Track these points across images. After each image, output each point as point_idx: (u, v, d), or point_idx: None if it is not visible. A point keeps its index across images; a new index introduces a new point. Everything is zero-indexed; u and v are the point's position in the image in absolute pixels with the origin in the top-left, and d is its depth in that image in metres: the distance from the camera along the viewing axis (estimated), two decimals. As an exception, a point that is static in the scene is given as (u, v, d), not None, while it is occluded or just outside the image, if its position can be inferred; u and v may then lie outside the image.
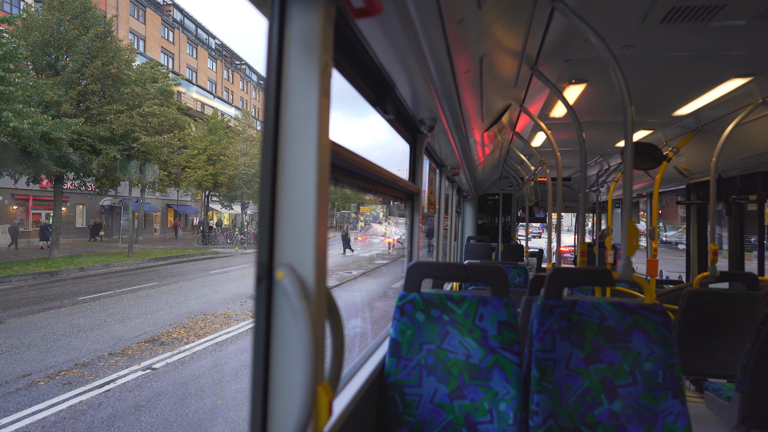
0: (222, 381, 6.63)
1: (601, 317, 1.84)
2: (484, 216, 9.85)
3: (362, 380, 1.73)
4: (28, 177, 17.52)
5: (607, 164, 6.87)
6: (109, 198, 29.25)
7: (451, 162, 4.11)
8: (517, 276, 5.44)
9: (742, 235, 5.04)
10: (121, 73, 19.06)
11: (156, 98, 20.45)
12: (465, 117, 2.64)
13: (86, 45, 18.06)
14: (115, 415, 5.46)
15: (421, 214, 2.71)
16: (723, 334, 3.17)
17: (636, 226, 1.91)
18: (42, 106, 16.93)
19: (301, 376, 0.82)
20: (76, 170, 18.73)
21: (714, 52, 2.55)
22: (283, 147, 0.88)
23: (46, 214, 25.04)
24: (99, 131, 18.27)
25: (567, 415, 1.79)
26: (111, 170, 19.48)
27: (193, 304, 11.49)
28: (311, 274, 0.87)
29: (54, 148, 16.12)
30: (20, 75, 14.43)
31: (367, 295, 13.76)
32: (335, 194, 47.80)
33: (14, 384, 6.27)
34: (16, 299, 11.58)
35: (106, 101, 19.03)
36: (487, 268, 1.99)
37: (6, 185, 22.17)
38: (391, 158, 26.24)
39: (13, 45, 14.26)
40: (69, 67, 18.18)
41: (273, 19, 0.87)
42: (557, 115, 4.10)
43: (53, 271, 15.46)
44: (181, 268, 18.64)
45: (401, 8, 1.18)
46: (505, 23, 1.73)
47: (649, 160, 3.86)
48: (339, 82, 1.23)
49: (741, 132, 3.65)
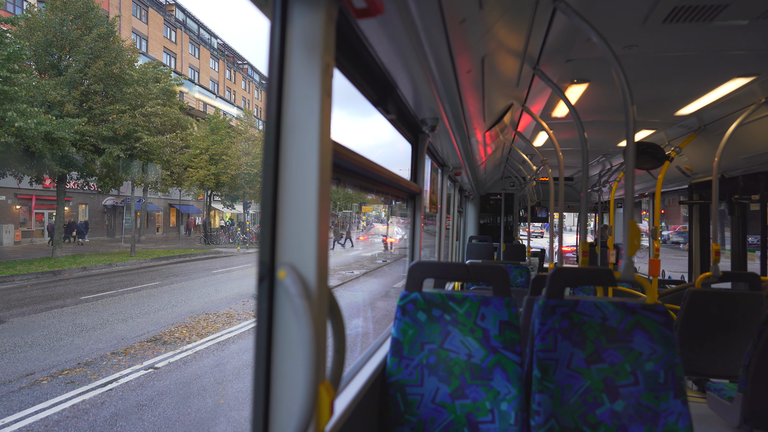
0: (224, 380, 6.64)
1: (602, 317, 1.84)
2: (486, 216, 9.85)
3: (364, 380, 1.73)
4: (31, 177, 17.58)
5: (609, 164, 6.86)
6: (112, 197, 29.31)
7: (453, 162, 4.11)
8: (518, 276, 5.43)
9: (744, 235, 5.03)
10: (124, 73, 19.11)
11: (158, 98, 20.50)
12: (467, 117, 2.64)
13: (89, 45, 18.11)
14: (117, 414, 5.48)
15: (423, 213, 2.71)
16: (725, 334, 3.16)
17: (638, 225, 1.91)
18: (45, 106, 16.98)
19: (302, 376, 0.82)
20: (79, 170, 18.79)
21: (716, 51, 2.55)
22: (284, 147, 0.88)
23: (49, 214, 25.11)
24: (102, 131, 18.32)
25: (568, 414, 1.79)
26: (113, 170, 19.54)
27: (195, 304, 11.51)
28: (313, 274, 0.87)
29: (57, 147, 16.17)
30: (24, 75, 14.47)
31: (368, 294, 13.76)
32: (337, 194, 47.81)
33: (18, 383, 6.29)
34: (19, 298, 11.62)
35: (109, 101, 19.09)
36: (488, 267, 1.99)
37: (9, 185, 22.25)
38: (392, 158, 26.23)
39: (17, 46, 14.30)
40: (72, 67, 18.23)
41: (275, 19, 0.87)
42: (559, 115, 4.10)
43: (56, 270, 15.51)
44: (183, 267, 18.68)
45: (403, 8, 1.18)
46: (506, 23, 1.73)
47: (652, 160, 3.84)
48: (341, 82, 1.23)
49: (743, 132, 3.64)
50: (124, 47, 19.65)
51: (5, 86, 13.68)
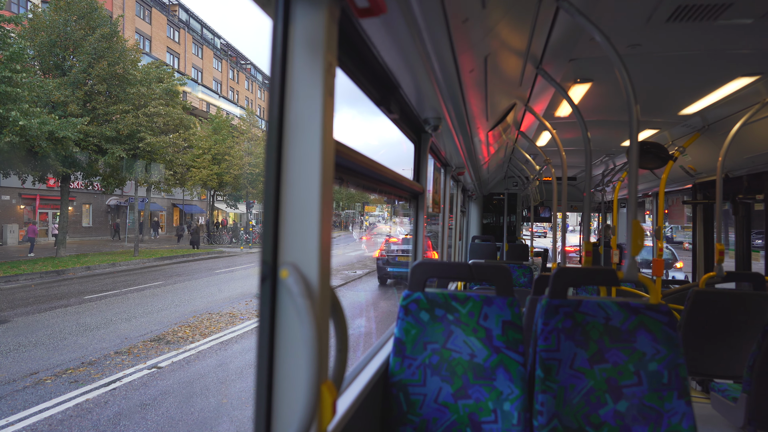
0: (227, 380, 6.65)
1: (606, 317, 1.83)
2: (488, 215, 9.84)
3: (366, 379, 1.73)
4: (35, 176, 17.66)
5: (612, 163, 6.84)
6: (115, 197, 29.42)
7: (456, 161, 4.11)
8: (521, 276, 5.42)
9: (748, 235, 5.00)
10: (127, 73, 19.16)
11: (161, 98, 20.56)
12: (470, 116, 2.64)
13: (92, 45, 18.17)
14: (121, 414, 5.49)
15: (426, 213, 2.71)
16: (729, 334, 3.14)
17: (641, 225, 1.90)
18: (49, 106, 17.05)
19: (305, 375, 0.82)
20: (83, 170, 18.86)
21: (720, 51, 2.54)
22: (287, 146, 0.88)
23: (53, 214, 25.22)
24: (105, 131, 18.39)
25: (571, 415, 1.78)
26: (117, 170, 19.60)
27: (198, 303, 11.54)
28: (315, 274, 0.87)
29: (61, 147, 16.23)
30: (26, 75, 14.52)
31: (371, 294, 13.77)
32: (340, 194, 47.82)
33: (22, 382, 6.32)
34: (23, 298, 11.67)
35: (112, 101, 19.15)
36: (491, 267, 1.98)
37: (13, 185, 22.35)
38: (395, 158, 26.18)
39: (20, 46, 14.35)
40: (75, 67, 18.30)
41: (277, 19, 0.87)
42: (562, 115, 4.09)
43: (60, 270, 15.57)
44: (187, 267, 18.72)
45: (405, 8, 1.18)
46: (509, 22, 1.72)
47: (655, 160, 3.83)
48: (343, 82, 1.23)
49: (748, 131, 3.62)
50: (127, 47, 19.71)
51: (8, 86, 13.74)
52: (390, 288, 14.89)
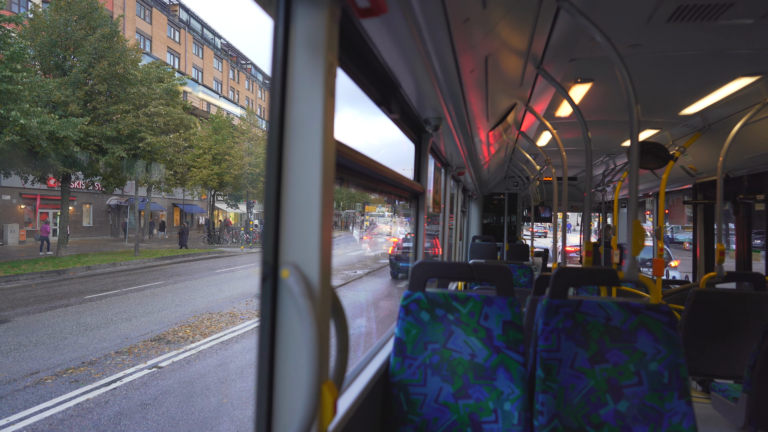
0: (227, 380, 6.65)
1: (606, 317, 1.83)
2: (489, 215, 9.84)
3: (367, 379, 1.73)
4: (36, 176, 17.67)
5: (613, 164, 6.84)
6: (116, 197, 29.43)
7: (457, 161, 4.11)
8: (522, 275, 5.42)
9: (749, 235, 5.00)
10: (128, 73, 19.16)
11: (162, 98, 20.56)
12: (470, 116, 2.64)
13: (93, 45, 18.17)
14: (121, 413, 5.50)
15: (426, 213, 2.71)
16: (730, 334, 3.14)
17: (642, 225, 1.90)
18: (50, 106, 17.05)
19: (305, 375, 0.82)
20: (84, 169, 18.87)
21: (721, 51, 2.54)
22: (288, 146, 0.88)
23: (53, 213, 25.23)
24: (105, 131, 18.38)
25: (572, 415, 1.78)
26: (117, 169, 19.60)
27: (198, 303, 11.54)
28: (316, 274, 0.87)
29: (61, 147, 16.23)
30: (27, 75, 14.53)
31: (372, 294, 13.77)
32: (340, 193, 47.83)
33: (22, 382, 6.32)
34: (24, 297, 11.68)
35: (113, 101, 19.15)
36: (492, 267, 1.98)
37: (14, 184, 22.37)
38: (395, 157, 26.25)
39: (20, 45, 14.36)
40: (76, 67, 18.30)
41: (278, 19, 0.87)
42: (563, 115, 4.09)
43: (60, 269, 15.59)
44: (187, 267, 18.73)
45: (406, 8, 1.18)
46: (510, 22, 1.72)
47: (656, 160, 3.83)
48: (344, 82, 1.23)
49: (748, 131, 3.62)
50: (127, 47, 19.71)
51: (8, 86, 13.74)
52: (401, 282, 16.03)
